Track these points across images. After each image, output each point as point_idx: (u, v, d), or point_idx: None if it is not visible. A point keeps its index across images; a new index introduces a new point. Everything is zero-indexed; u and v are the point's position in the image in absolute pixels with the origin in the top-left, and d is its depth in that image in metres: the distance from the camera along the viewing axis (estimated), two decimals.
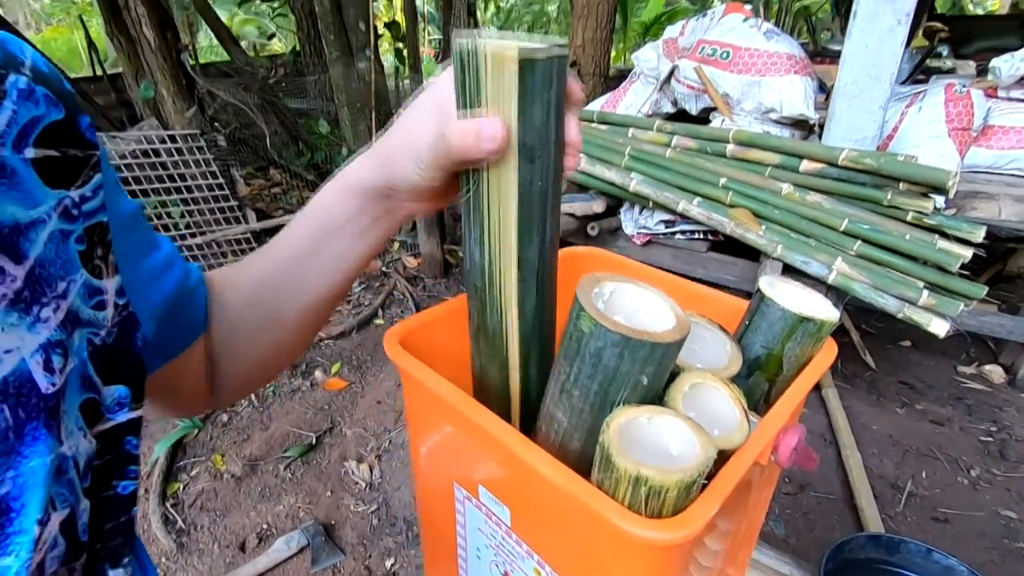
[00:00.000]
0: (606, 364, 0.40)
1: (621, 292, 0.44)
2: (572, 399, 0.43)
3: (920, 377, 2.26)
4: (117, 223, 0.32)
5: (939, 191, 1.62)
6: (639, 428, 0.41)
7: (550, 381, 0.46)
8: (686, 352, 0.51)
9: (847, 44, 1.73)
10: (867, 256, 1.69)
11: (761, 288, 0.54)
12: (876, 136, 1.82)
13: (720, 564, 0.62)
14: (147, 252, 0.37)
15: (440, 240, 3.13)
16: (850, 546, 0.81)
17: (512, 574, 0.54)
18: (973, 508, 1.65)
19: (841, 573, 0.78)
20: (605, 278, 0.44)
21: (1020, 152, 2.00)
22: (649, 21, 8.93)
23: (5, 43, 0.26)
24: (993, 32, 5.05)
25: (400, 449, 1.96)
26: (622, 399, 0.41)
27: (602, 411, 0.42)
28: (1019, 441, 1.91)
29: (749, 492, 0.52)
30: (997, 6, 10.32)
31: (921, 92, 2.06)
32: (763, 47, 2.05)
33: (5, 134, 0.25)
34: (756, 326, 0.54)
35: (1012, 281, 2.87)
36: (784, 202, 1.80)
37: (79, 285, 0.28)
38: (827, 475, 1.78)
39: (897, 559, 0.81)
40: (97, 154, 0.30)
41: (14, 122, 0.25)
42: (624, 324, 0.39)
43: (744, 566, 0.79)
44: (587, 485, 0.39)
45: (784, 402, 0.48)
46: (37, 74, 0.27)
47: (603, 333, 0.39)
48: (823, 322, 0.51)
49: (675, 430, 0.40)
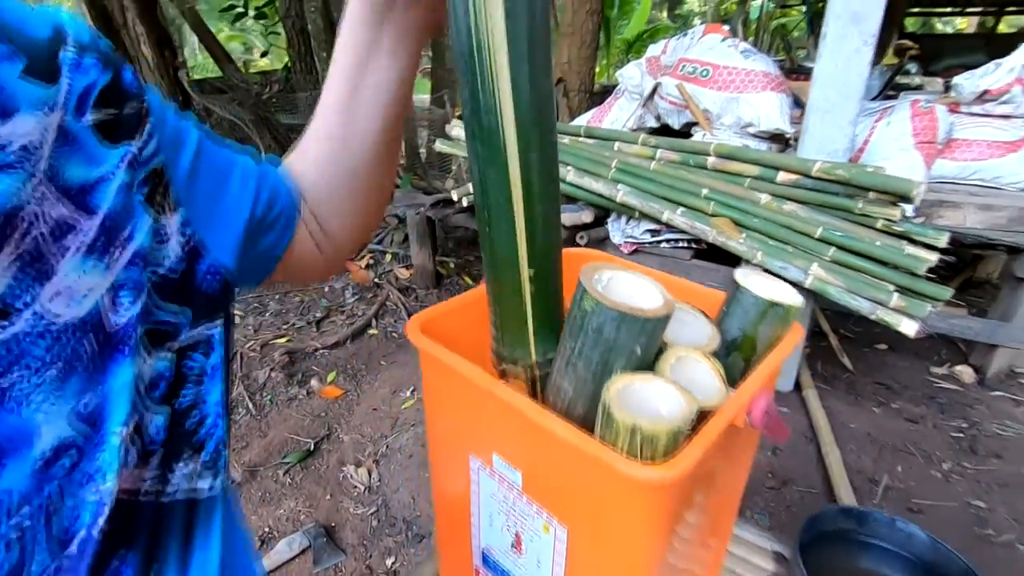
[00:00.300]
0: (606, 337, 0.47)
1: (617, 279, 0.52)
2: (577, 370, 0.50)
3: (895, 378, 2.36)
4: (187, 162, 0.35)
5: (906, 200, 1.73)
6: (634, 392, 0.48)
7: (557, 357, 0.54)
8: (673, 333, 0.59)
9: (818, 63, 1.84)
10: (841, 261, 1.79)
11: (736, 279, 0.62)
12: (847, 149, 1.93)
13: (703, 535, 0.69)
14: (225, 178, 0.39)
15: (432, 252, 3.20)
16: (823, 518, 0.88)
17: (523, 534, 0.61)
18: (945, 499, 1.74)
19: (816, 544, 0.85)
20: (603, 267, 0.51)
21: (982, 163, 2.13)
22: (631, 39, 9.17)
23: (51, 19, 0.28)
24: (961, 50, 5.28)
25: (398, 453, 2.01)
26: (619, 367, 0.49)
27: (602, 379, 0.49)
28: (988, 436, 2.01)
29: (728, 455, 0.60)
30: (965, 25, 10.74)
31: (890, 107, 2.19)
32: (741, 65, 2.16)
33: (66, 105, 0.28)
34: (733, 312, 0.62)
35: (981, 287, 3.00)
36: (763, 211, 1.90)
37: (144, 227, 0.31)
38: (809, 471, 1.87)
39: (865, 529, 0.89)
40: (146, 103, 0.32)
41: (71, 93, 0.28)
42: (620, 302, 0.46)
43: (726, 537, 0.86)
44: (592, 439, 0.47)
45: (757, 373, 0.55)
46: (81, 45, 0.29)
47: (603, 310, 0.46)
48: (790, 307, 0.59)
49: (664, 392, 0.48)
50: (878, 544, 0.88)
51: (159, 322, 0.32)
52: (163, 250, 0.32)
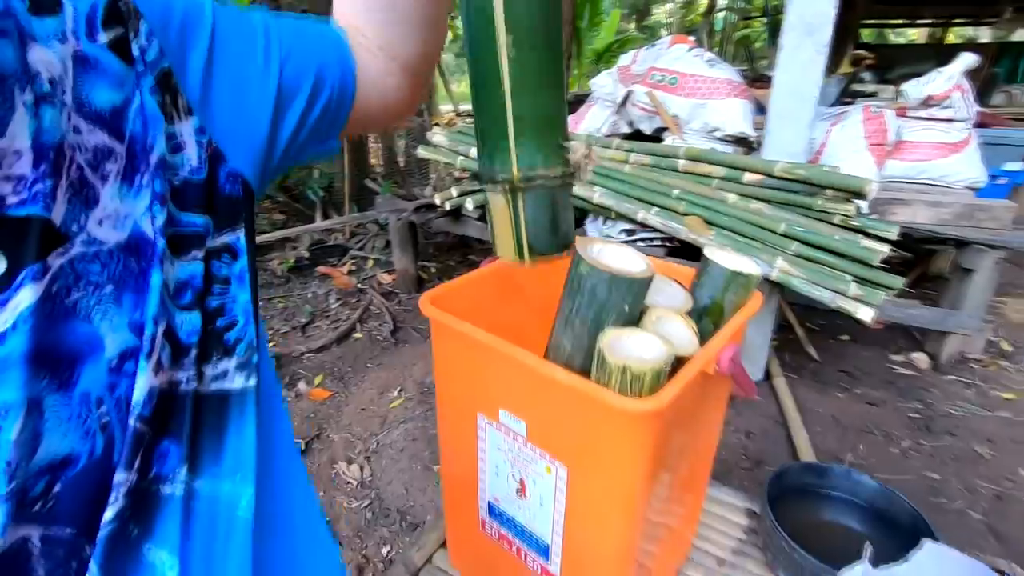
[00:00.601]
0: (599, 297, 0.57)
1: (606, 251, 0.61)
2: (575, 327, 0.59)
3: (857, 366, 2.51)
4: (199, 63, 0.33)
5: (860, 196, 1.87)
6: (623, 342, 0.57)
7: (556, 318, 0.63)
8: (653, 299, 0.68)
9: (776, 72, 1.99)
10: (803, 255, 1.92)
11: (705, 254, 0.72)
12: (806, 150, 2.07)
13: (682, 481, 0.79)
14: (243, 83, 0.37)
15: (414, 257, 3.27)
16: (788, 474, 0.98)
17: (527, 479, 0.69)
18: (904, 473, 1.88)
19: (783, 497, 0.95)
20: (595, 240, 0.61)
21: (928, 163, 2.30)
22: (601, 49, 9.41)
23: None
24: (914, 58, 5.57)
25: (388, 448, 2.07)
26: (610, 323, 0.58)
27: (596, 334, 0.58)
28: (942, 416, 2.16)
29: (702, 402, 0.69)
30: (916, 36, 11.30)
31: (844, 112, 2.35)
32: (706, 73, 2.30)
33: (75, 30, 0.28)
34: (703, 282, 0.72)
35: (934, 280, 3.20)
36: (731, 210, 2.03)
37: (161, 135, 0.31)
38: (779, 452, 1.98)
39: (825, 482, 0.99)
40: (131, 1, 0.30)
41: (76, 18, 0.28)
42: (611, 266, 0.56)
43: (701, 494, 0.96)
44: (589, 382, 0.56)
45: (725, 329, 0.65)
46: None
47: (597, 273, 0.56)
48: (750, 276, 0.69)
49: (647, 342, 0.57)
50: (837, 495, 0.99)
51: (183, 228, 0.32)
52: (179, 157, 0.32)
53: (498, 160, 0.48)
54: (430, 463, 1.97)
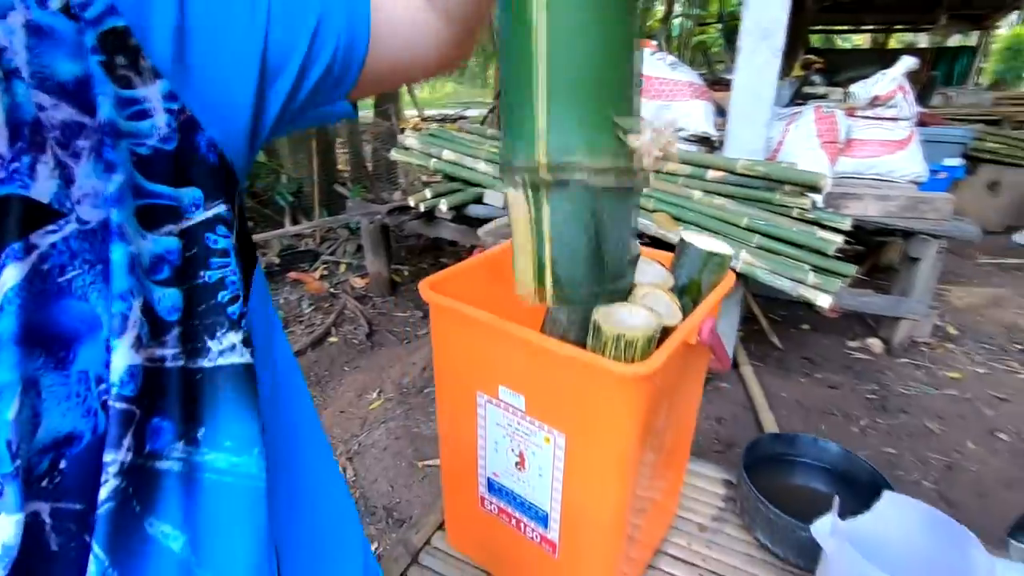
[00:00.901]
0: None
1: None
2: None
3: (818, 353, 2.64)
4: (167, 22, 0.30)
5: (815, 190, 1.99)
6: (614, 313, 0.63)
7: None
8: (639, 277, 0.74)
9: (735, 75, 2.10)
10: (765, 247, 2.03)
11: (682, 237, 0.78)
12: (764, 149, 2.19)
13: (667, 453, 0.85)
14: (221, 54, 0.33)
15: (387, 260, 3.28)
16: (760, 444, 1.06)
17: (526, 451, 0.74)
18: (862, 448, 2.00)
19: (757, 466, 1.02)
20: None
21: (876, 160, 2.45)
22: None
23: None
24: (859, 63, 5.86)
25: (371, 448, 2.09)
26: None
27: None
28: (896, 396, 2.31)
29: (685, 371, 0.75)
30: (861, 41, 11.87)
31: (798, 113, 2.48)
32: (668, 76, 2.40)
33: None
34: (682, 263, 0.78)
35: (885, 271, 3.38)
36: (696, 205, 2.13)
37: (109, 98, 0.28)
38: (748, 435, 2.08)
39: (794, 450, 1.07)
40: None
41: None
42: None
43: (682, 470, 1.02)
44: (586, 352, 0.61)
45: (703, 304, 0.72)
46: None
47: None
48: (724, 256, 0.76)
49: (637, 313, 0.63)
50: (805, 461, 1.07)
51: (152, 199, 0.30)
52: (147, 124, 0.30)
53: (520, 138, 0.34)
54: (414, 459, 2.00)
